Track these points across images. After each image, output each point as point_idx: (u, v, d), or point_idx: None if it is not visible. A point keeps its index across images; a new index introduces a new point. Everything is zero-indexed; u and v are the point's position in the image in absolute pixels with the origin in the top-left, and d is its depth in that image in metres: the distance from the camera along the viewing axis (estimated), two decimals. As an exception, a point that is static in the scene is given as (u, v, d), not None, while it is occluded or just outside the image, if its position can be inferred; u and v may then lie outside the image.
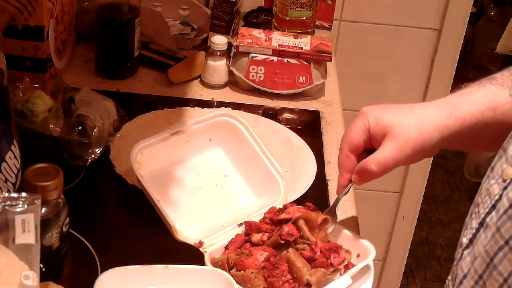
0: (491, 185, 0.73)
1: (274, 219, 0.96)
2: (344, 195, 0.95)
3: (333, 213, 0.96)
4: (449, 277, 0.83)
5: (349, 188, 0.95)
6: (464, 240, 0.76)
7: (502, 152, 0.74)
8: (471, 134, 0.87)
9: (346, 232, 0.97)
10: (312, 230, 0.94)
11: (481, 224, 0.73)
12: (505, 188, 0.70)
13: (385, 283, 2.10)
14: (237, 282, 0.87)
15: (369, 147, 0.92)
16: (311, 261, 0.91)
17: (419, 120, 0.87)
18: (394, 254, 2.05)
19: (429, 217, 2.80)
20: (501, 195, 0.70)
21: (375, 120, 0.89)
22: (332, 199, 1.15)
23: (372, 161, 0.89)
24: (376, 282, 2.09)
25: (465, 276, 0.75)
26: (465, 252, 0.76)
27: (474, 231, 0.74)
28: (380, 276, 2.09)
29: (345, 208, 1.13)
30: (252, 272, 0.87)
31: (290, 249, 0.91)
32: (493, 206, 0.71)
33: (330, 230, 0.95)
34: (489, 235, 0.70)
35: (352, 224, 1.10)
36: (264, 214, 0.99)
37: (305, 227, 0.93)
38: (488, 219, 0.72)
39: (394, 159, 0.88)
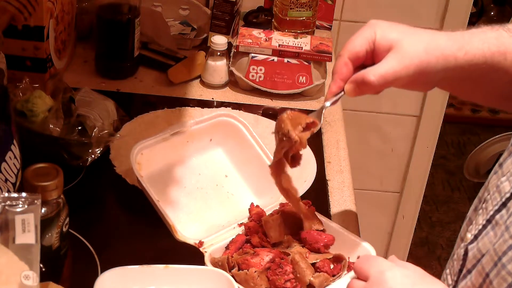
0: (501, 182, 0.72)
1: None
2: (332, 104, 0.89)
3: (318, 118, 0.91)
4: (447, 270, 0.82)
5: (339, 98, 0.89)
6: (469, 236, 0.76)
7: None
8: (475, 75, 0.84)
9: (346, 233, 0.97)
10: (296, 127, 0.89)
11: (488, 221, 0.73)
12: None
13: (385, 283, 2.09)
14: (239, 282, 0.87)
15: (368, 63, 0.87)
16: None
17: (428, 43, 0.83)
18: (394, 254, 2.04)
19: (429, 217, 2.80)
20: None
21: (382, 33, 0.85)
22: (332, 199, 1.15)
23: (373, 72, 0.83)
24: (376, 282, 2.09)
25: (469, 271, 0.74)
26: (469, 247, 0.75)
27: (480, 227, 0.74)
28: (380, 276, 2.09)
29: (345, 208, 1.13)
30: (255, 271, 0.88)
31: (295, 251, 0.91)
32: (503, 204, 0.71)
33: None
34: (498, 233, 0.70)
35: (352, 224, 1.10)
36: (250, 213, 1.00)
37: (289, 124, 0.90)
38: (497, 216, 0.71)
39: (395, 74, 0.83)
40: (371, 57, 0.86)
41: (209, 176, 1.10)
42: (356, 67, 0.87)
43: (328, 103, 0.89)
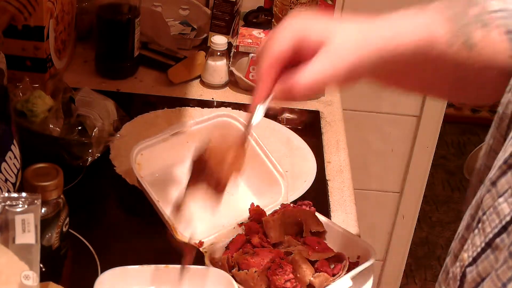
0: (499, 204, 0.70)
1: None
2: (258, 118, 0.78)
3: (243, 143, 0.82)
4: (442, 286, 0.81)
5: (264, 110, 0.77)
6: (466, 256, 0.74)
7: (505, 167, 0.70)
8: (407, 66, 0.80)
9: (346, 233, 0.97)
10: (222, 164, 0.82)
11: (488, 244, 0.71)
12: None
13: (385, 283, 2.10)
14: (238, 282, 0.87)
15: (293, 63, 0.77)
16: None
17: (360, 38, 0.76)
18: (394, 254, 2.04)
19: (429, 217, 2.80)
20: None
21: (308, 30, 0.75)
22: (332, 199, 1.15)
23: (302, 79, 0.74)
24: (376, 282, 2.09)
25: None
26: (467, 269, 0.74)
27: (479, 250, 0.72)
28: (380, 276, 2.09)
29: (345, 208, 1.13)
30: (255, 271, 0.87)
31: (296, 251, 0.91)
32: (504, 227, 0.69)
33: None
34: (501, 259, 0.68)
35: (352, 224, 1.10)
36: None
37: None
38: (498, 240, 0.69)
39: (326, 77, 0.75)
40: (297, 57, 0.77)
41: (209, 176, 1.10)
42: (282, 70, 0.78)
43: (255, 121, 0.78)
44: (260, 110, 0.77)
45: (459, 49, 0.79)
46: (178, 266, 0.88)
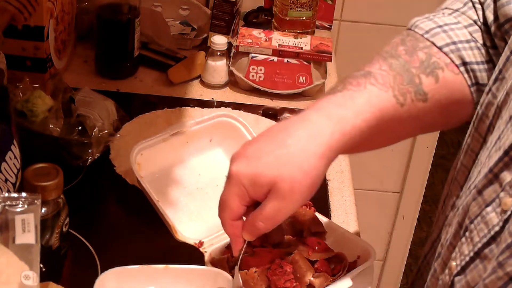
0: (487, 213, 0.69)
1: None
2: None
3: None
4: None
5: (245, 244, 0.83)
6: (454, 264, 0.74)
7: (491, 176, 0.70)
8: (357, 144, 0.77)
9: (346, 233, 0.97)
10: None
11: (477, 253, 0.70)
12: (506, 220, 0.67)
13: (385, 283, 2.10)
14: (238, 282, 0.87)
15: (252, 203, 0.79)
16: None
17: (299, 157, 0.74)
18: (394, 254, 2.04)
19: (429, 217, 2.80)
20: (502, 227, 0.67)
21: (250, 181, 0.74)
22: (332, 199, 1.15)
23: (260, 219, 0.76)
24: (376, 282, 2.09)
25: None
26: (456, 279, 0.73)
27: (467, 259, 0.72)
28: (380, 276, 2.09)
29: (345, 208, 1.13)
30: (255, 271, 0.87)
31: (296, 251, 0.91)
32: (493, 238, 0.68)
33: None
34: (489, 268, 0.68)
35: (352, 224, 1.10)
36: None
37: None
38: (487, 250, 0.69)
39: (283, 213, 0.76)
40: (252, 201, 0.77)
41: (209, 176, 1.10)
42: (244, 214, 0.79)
43: (240, 255, 0.84)
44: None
45: (412, 104, 0.78)
46: (178, 266, 0.89)
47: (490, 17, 0.80)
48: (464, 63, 0.81)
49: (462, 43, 0.81)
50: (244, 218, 0.79)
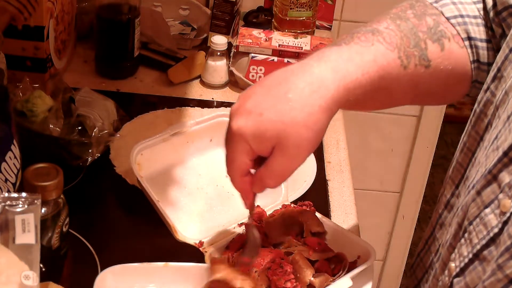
0: (486, 214, 0.69)
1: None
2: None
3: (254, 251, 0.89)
4: None
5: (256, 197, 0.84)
6: (453, 266, 0.74)
7: (490, 177, 0.70)
8: (357, 100, 0.76)
9: (346, 233, 0.97)
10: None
11: (476, 255, 0.70)
12: (505, 222, 0.67)
13: (385, 283, 2.10)
14: (238, 282, 0.87)
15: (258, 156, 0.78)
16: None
17: (303, 112, 0.72)
18: (394, 254, 2.04)
19: (429, 217, 2.80)
20: (501, 229, 0.68)
21: (254, 138, 0.73)
22: (332, 199, 1.15)
23: (268, 175, 0.76)
24: (376, 282, 2.09)
25: None
26: (455, 280, 0.73)
27: (466, 260, 0.71)
28: (380, 276, 2.09)
29: (345, 208, 1.13)
30: (256, 271, 0.87)
31: (296, 251, 0.91)
32: (492, 239, 0.69)
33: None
34: (488, 270, 0.68)
35: (352, 224, 1.10)
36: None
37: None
38: (485, 252, 0.69)
39: (290, 168, 0.76)
40: (258, 156, 0.77)
41: (209, 176, 1.10)
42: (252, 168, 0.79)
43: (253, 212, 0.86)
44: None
45: (415, 68, 0.78)
46: (178, 264, 0.89)
47: (490, 2, 0.80)
48: (469, 38, 0.80)
49: (470, 18, 0.81)
50: (252, 171, 0.78)
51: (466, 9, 0.81)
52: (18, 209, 0.71)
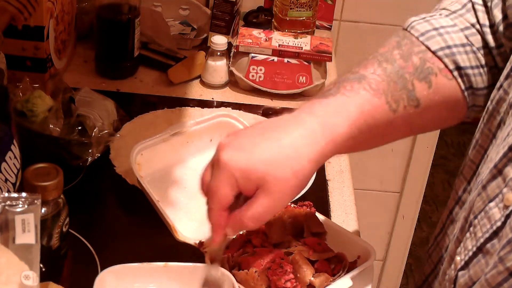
0: (490, 208, 0.70)
1: None
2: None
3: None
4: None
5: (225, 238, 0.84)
6: (458, 259, 0.74)
7: (495, 171, 0.71)
8: (349, 148, 0.79)
9: (346, 233, 0.97)
10: None
11: (479, 248, 0.71)
12: (508, 215, 0.67)
13: (385, 283, 2.10)
14: (239, 281, 0.87)
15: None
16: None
17: (292, 159, 0.74)
18: (394, 254, 2.05)
19: (429, 217, 2.80)
20: (504, 223, 0.68)
21: (242, 174, 0.74)
22: (332, 199, 1.15)
23: (248, 217, 0.76)
24: (376, 282, 2.09)
25: None
26: (460, 273, 0.74)
27: (470, 253, 0.72)
28: (380, 276, 2.09)
29: (345, 208, 1.13)
30: (256, 271, 0.87)
31: (296, 251, 0.91)
32: (495, 233, 0.69)
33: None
34: (491, 263, 0.68)
35: (352, 224, 1.10)
36: None
37: None
38: (488, 245, 0.70)
39: (271, 212, 0.77)
40: (240, 193, 0.77)
41: (209, 176, 1.10)
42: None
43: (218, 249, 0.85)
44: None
45: (404, 110, 0.79)
46: (177, 263, 0.89)
47: (499, 16, 0.80)
48: (458, 68, 0.81)
49: (457, 47, 0.81)
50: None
51: (453, 38, 0.81)
52: (18, 209, 0.71)
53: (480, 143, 0.79)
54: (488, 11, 0.81)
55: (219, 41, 1.39)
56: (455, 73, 0.81)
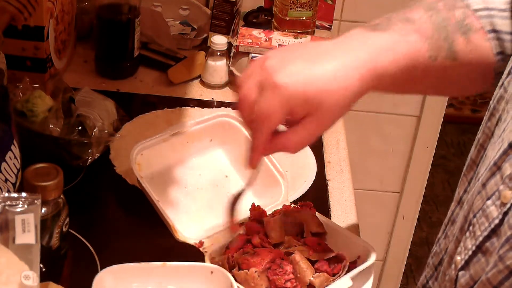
0: (487, 206, 0.70)
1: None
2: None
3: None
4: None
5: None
6: (459, 259, 0.74)
7: (495, 169, 0.70)
8: (385, 85, 0.80)
9: (346, 233, 0.97)
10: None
11: (478, 247, 0.71)
12: (505, 213, 0.67)
13: (385, 283, 2.10)
14: (239, 281, 0.87)
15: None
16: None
17: (343, 81, 0.75)
18: (394, 254, 2.04)
19: (429, 217, 2.80)
20: (501, 220, 0.68)
21: (300, 98, 0.74)
22: (332, 199, 1.15)
23: (294, 141, 0.78)
24: (376, 282, 2.09)
25: None
26: (460, 273, 0.73)
27: (470, 253, 0.72)
28: (380, 276, 2.09)
29: (345, 208, 1.13)
30: (256, 271, 0.87)
31: (296, 251, 0.91)
32: (493, 231, 0.69)
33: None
34: (491, 262, 0.68)
35: (352, 224, 1.10)
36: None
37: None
38: (488, 244, 0.69)
39: (313, 139, 0.78)
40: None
41: (209, 176, 1.10)
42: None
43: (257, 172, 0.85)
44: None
45: (443, 61, 0.79)
46: (176, 263, 0.89)
47: None
48: (495, 31, 0.81)
49: (496, 11, 0.81)
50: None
51: (494, 1, 0.82)
52: (18, 209, 0.72)
53: (480, 142, 0.79)
54: None
55: (219, 41, 1.39)
56: (491, 35, 0.81)
